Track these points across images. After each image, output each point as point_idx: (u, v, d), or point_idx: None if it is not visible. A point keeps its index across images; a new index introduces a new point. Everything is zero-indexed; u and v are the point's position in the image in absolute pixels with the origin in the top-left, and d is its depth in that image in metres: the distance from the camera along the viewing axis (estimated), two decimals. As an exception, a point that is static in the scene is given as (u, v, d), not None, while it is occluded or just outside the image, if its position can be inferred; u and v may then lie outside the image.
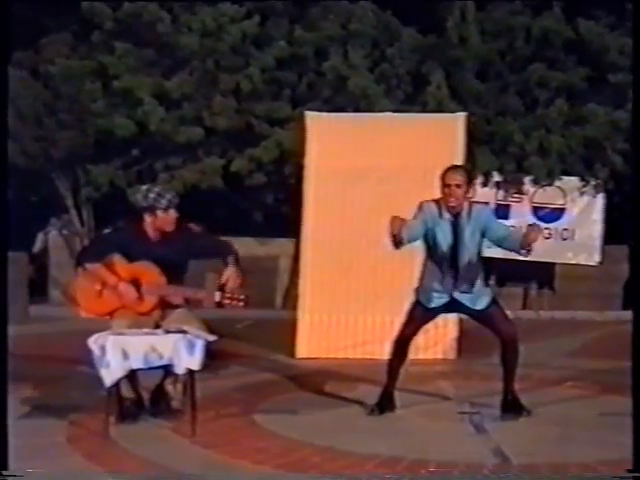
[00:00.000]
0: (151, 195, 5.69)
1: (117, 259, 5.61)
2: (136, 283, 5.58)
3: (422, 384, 6.54)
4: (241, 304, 5.54)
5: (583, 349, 8.67)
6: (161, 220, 5.67)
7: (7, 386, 4.41)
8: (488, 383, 6.33)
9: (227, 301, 5.53)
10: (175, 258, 5.68)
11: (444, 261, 5.60)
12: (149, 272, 5.58)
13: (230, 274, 5.62)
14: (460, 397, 6.31)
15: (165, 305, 5.64)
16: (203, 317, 5.76)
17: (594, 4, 10.65)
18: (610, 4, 10.68)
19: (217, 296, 5.57)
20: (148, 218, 5.68)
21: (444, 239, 5.58)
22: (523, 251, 5.57)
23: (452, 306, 5.78)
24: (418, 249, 5.87)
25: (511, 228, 5.81)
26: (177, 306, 5.66)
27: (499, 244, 5.69)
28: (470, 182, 5.61)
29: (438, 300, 5.70)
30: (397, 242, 5.38)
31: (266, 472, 4.62)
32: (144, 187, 5.92)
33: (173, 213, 5.70)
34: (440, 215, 5.58)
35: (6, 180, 4.70)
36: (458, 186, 5.52)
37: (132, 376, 5.49)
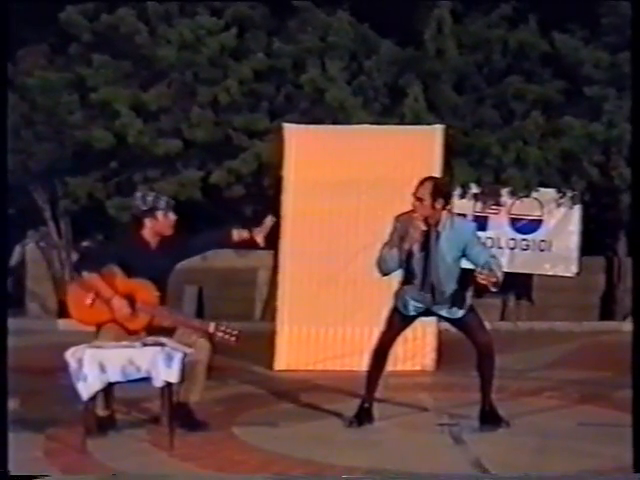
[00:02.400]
0: (149, 198, 5.74)
1: (116, 271, 5.56)
2: (130, 299, 5.53)
3: (401, 396, 6.55)
4: (233, 339, 5.51)
5: (561, 360, 8.71)
6: (161, 224, 5.68)
7: (7, 388, 4.36)
8: (467, 394, 6.34)
9: (220, 334, 5.51)
10: (172, 264, 5.71)
11: (419, 272, 5.60)
12: (145, 290, 5.54)
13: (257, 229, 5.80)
14: (439, 409, 6.32)
15: (154, 327, 5.57)
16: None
17: (569, 18, 10.76)
18: (584, 18, 10.79)
19: (211, 327, 5.54)
20: (149, 222, 5.67)
21: (417, 249, 5.57)
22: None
23: (429, 314, 5.82)
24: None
25: (490, 259, 5.62)
26: (164, 329, 5.59)
27: (475, 267, 5.62)
28: (440, 195, 5.55)
29: (415, 309, 5.72)
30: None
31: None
32: (139, 193, 5.94)
33: (172, 216, 5.73)
34: (415, 225, 5.54)
35: (6, 184, 4.63)
36: (420, 199, 5.49)
37: (107, 390, 5.47)
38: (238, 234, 5.91)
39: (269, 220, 5.95)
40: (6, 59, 4.81)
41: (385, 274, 5.66)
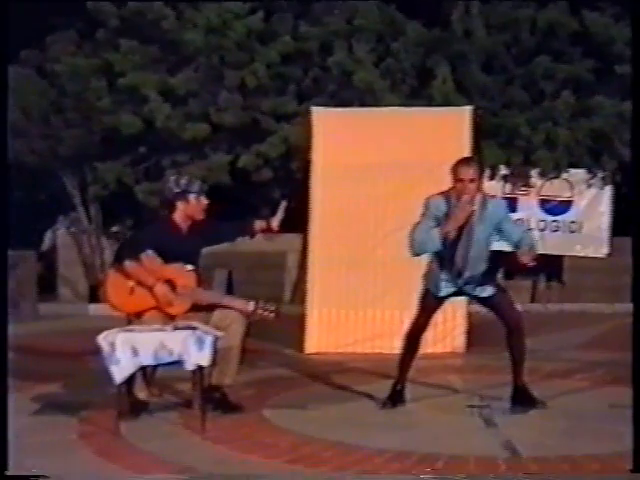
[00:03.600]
0: (182, 181, 5.80)
1: (154, 258, 5.61)
2: (171, 284, 5.60)
3: (431, 378, 6.55)
4: (272, 315, 5.67)
5: (592, 341, 8.66)
6: (193, 207, 5.74)
7: (7, 387, 4.40)
8: (497, 376, 6.33)
9: (260, 311, 5.66)
10: (201, 248, 5.81)
11: (453, 252, 5.57)
12: (184, 274, 5.62)
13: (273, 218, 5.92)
14: (469, 390, 6.31)
15: (196, 308, 5.66)
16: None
17: (599, -5, 10.64)
18: (615, -5, 10.67)
19: (251, 305, 5.65)
20: (181, 205, 5.73)
21: (454, 231, 5.55)
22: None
23: (460, 294, 5.82)
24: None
25: (524, 233, 5.69)
26: (205, 307, 5.66)
27: (509, 244, 5.67)
28: (482, 175, 5.58)
29: (446, 289, 5.71)
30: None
31: (277, 467, 4.62)
32: (172, 177, 6.01)
33: (204, 200, 5.79)
34: (449, 208, 5.52)
35: (7, 182, 4.69)
36: (472, 180, 5.46)
37: (148, 373, 5.55)
38: (259, 225, 6.06)
39: (282, 205, 6.05)
40: (6, 59, 4.88)
41: (418, 255, 5.62)
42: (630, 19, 7.35)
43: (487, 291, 5.71)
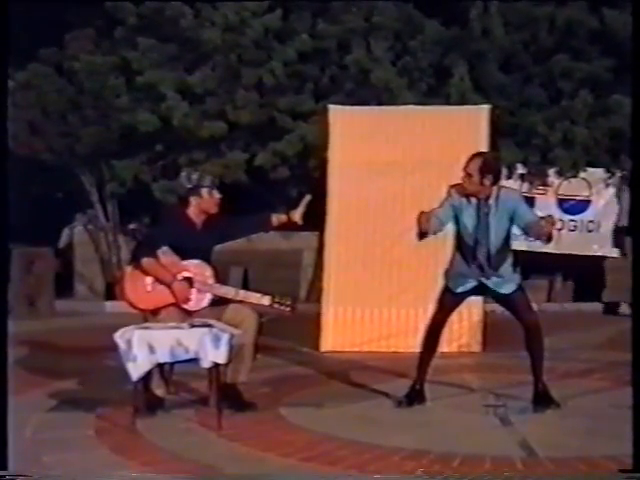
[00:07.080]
0: (194, 176, 5.84)
1: (170, 254, 5.63)
2: (188, 281, 5.63)
3: (447, 377, 6.52)
4: (288, 309, 5.71)
5: (609, 341, 8.61)
6: (206, 202, 5.76)
7: (7, 387, 4.41)
8: (513, 376, 6.31)
9: (276, 305, 5.69)
10: (216, 243, 5.82)
11: (471, 246, 5.60)
12: (200, 270, 5.64)
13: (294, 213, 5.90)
14: (485, 390, 6.29)
15: (211, 304, 5.69)
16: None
17: (619, -7, 10.55)
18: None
19: (266, 300, 5.66)
20: (194, 200, 5.75)
21: (470, 223, 5.59)
22: (543, 239, 5.57)
23: (479, 290, 5.81)
24: (443, 240, 5.88)
25: (538, 216, 5.74)
26: (219, 303, 5.69)
27: (525, 231, 5.70)
28: (489, 171, 5.57)
29: (466, 285, 5.71)
30: (421, 235, 5.51)
31: (292, 465, 4.63)
32: (183, 173, 6.04)
33: (217, 194, 5.81)
34: (467, 199, 5.59)
35: (6, 177, 4.70)
36: (469, 175, 5.54)
37: (166, 370, 5.58)
38: (277, 219, 6.03)
39: (306, 199, 6.03)
40: (7, 59, 4.94)
41: (423, 236, 5.55)
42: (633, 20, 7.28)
43: (508, 287, 5.70)
